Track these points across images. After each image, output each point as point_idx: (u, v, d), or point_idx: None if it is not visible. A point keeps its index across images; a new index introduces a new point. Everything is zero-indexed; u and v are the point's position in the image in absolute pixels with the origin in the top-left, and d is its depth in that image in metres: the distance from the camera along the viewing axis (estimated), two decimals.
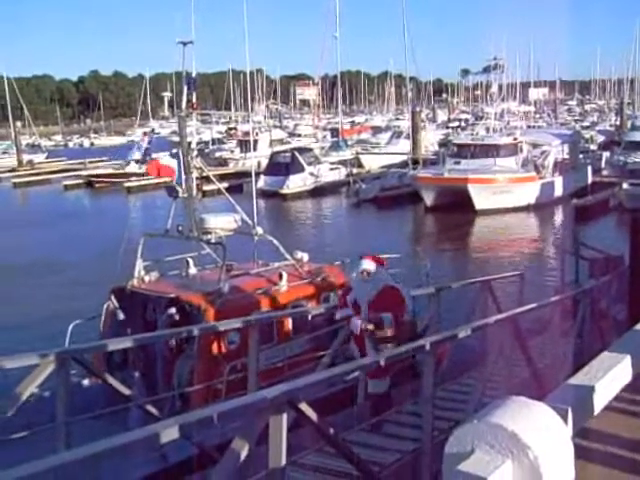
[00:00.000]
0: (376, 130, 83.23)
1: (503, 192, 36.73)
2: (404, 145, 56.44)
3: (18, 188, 63.76)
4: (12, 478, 3.40)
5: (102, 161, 71.50)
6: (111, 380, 7.78)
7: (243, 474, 5.18)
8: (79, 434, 6.55)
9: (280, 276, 12.31)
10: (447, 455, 3.19)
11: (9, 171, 71.65)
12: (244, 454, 4.54)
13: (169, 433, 4.28)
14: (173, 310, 11.53)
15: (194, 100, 14.43)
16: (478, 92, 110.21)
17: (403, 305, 9.62)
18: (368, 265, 9.58)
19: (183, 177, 13.05)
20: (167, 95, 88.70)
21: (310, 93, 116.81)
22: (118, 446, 3.98)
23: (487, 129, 49.24)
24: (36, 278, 26.59)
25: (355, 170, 51.15)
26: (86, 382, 10.67)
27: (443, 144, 56.81)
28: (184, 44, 14.93)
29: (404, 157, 51.06)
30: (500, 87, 59.92)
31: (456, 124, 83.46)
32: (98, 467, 4.92)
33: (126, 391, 8.15)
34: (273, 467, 4.83)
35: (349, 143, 63.29)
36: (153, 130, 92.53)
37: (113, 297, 12.35)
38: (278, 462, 4.82)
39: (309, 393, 5.40)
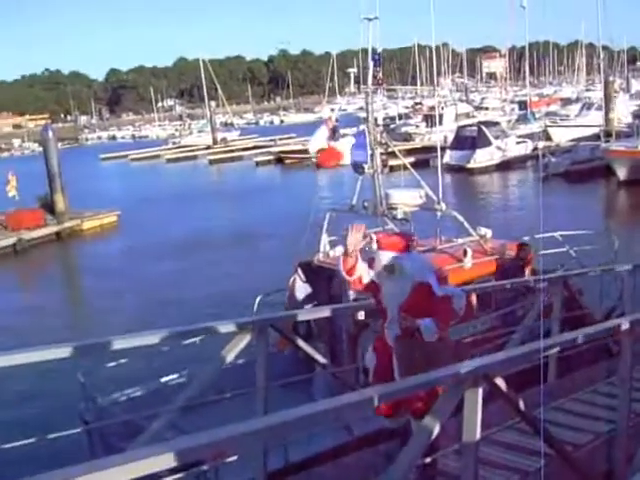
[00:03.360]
0: (565, 102, 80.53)
1: None
2: (595, 117, 54.19)
3: (213, 165, 66.79)
4: (209, 441, 3.55)
5: (291, 138, 73.23)
6: (308, 349, 7.94)
7: (433, 447, 5.18)
8: (269, 400, 6.78)
9: (465, 252, 12.19)
10: None
11: (205, 148, 75.19)
12: (437, 427, 4.55)
13: (361, 405, 4.36)
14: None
15: (380, 76, 14.45)
16: None
17: (448, 306, 6.33)
18: (390, 259, 6.38)
19: (369, 153, 13.12)
20: (353, 71, 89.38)
21: (497, 65, 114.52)
22: (309, 415, 4.08)
23: None
24: (230, 250, 27.78)
25: (543, 143, 49.62)
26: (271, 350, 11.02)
27: (638, 115, 54.11)
28: (369, 20, 14.99)
29: (595, 129, 49.02)
30: None
31: None
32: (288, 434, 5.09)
33: (322, 359, 8.34)
34: (466, 441, 4.81)
35: (537, 116, 61.48)
36: (339, 107, 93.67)
37: (299, 271, 12.66)
38: (472, 436, 4.79)
39: (502, 369, 5.33)
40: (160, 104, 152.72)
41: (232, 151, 72.58)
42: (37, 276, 30.64)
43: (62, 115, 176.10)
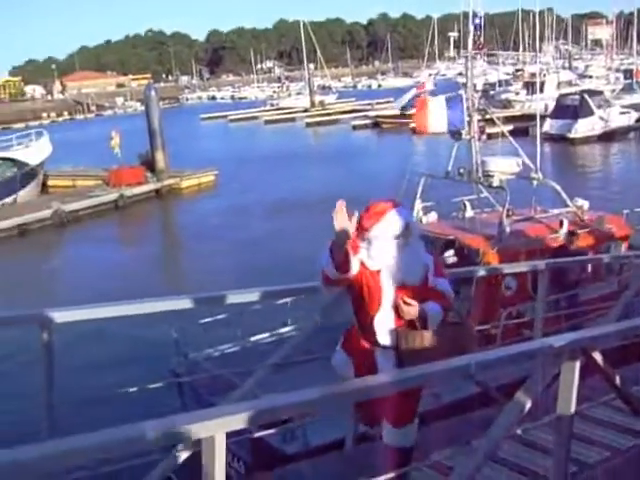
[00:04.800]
0: None
1: None
2: None
3: (310, 127, 67.15)
4: (300, 399, 3.63)
5: (389, 102, 72.82)
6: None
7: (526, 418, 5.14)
8: None
9: (561, 223, 11.99)
10: None
11: (302, 111, 75.60)
12: (531, 399, 4.52)
13: (450, 373, 4.38)
14: (451, 252, 11.63)
15: (481, 40, 14.28)
16: None
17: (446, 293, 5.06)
18: (403, 217, 4.88)
19: (466, 119, 12.99)
20: (453, 36, 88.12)
21: (603, 32, 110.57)
22: (398, 380, 4.09)
23: None
24: (324, 213, 27.85)
25: None
26: None
27: None
28: None
29: None
30: None
31: None
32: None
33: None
34: (561, 414, 4.77)
35: None
36: (438, 72, 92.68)
37: None
38: (567, 410, 4.73)
39: (601, 343, 5.25)
40: (259, 66, 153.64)
41: (329, 114, 72.74)
42: (136, 232, 31.53)
43: (164, 75, 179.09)
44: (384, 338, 4.88)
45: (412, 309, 4.77)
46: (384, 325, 4.87)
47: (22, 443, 2.70)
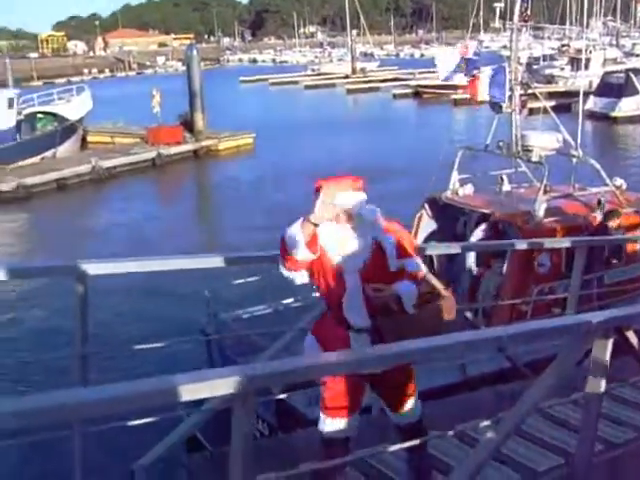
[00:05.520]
0: None
1: None
2: None
3: (350, 94, 66.96)
4: (322, 363, 3.64)
5: (431, 72, 72.11)
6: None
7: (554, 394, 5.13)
8: None
9: (599, 202, 11.85)
10: None
11: (343, 77, 75.38)
12: (561, 375, 4.50)
13: (479, 345, 4.37)
14: (486, 225, 11.56)
15: (527, 13, 14.04)
16: None
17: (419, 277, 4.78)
18: (347, 200, 4.50)
19: (507, 93, 12.83)
20: (499, 6, 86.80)
21: None
22: (423, 348, 4.09)
23: None
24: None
25: None
26: None
27: None
28: None
29: None
30: None
31: None
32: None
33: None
34: (589, 392, 4.75)
35: None
36: (481, 44, 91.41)
37: (427, 207, 12.59)
38: (596, 388, 4.70)
39: (635, 322, 5.19)
40: (302, 30, 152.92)
41: (370, 82, 72.41)
42: (173, 190, 31.78)
43: (205, 36, 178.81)
44: (356, 320, 4.61)
45: (385, 293, 4.47)
46: (353, 306, 4.60)
47: (55, 389, 2.74)
